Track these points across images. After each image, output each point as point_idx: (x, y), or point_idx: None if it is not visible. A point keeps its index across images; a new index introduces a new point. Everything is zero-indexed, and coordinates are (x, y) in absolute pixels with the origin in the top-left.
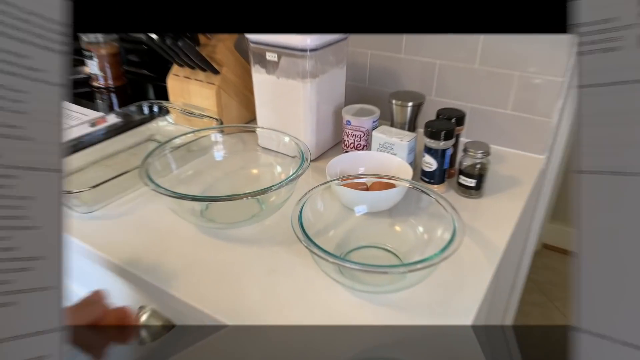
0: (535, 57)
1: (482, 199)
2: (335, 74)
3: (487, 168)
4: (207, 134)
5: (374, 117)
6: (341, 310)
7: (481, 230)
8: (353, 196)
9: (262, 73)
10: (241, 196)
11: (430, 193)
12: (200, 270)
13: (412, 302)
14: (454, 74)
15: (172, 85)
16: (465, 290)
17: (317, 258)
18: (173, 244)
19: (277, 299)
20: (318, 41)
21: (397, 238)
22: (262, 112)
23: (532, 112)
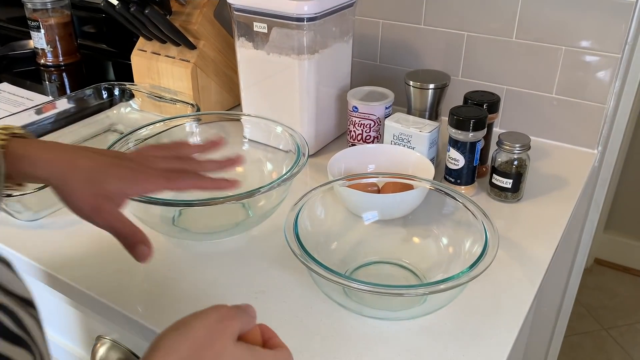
0: (586, 28)
1: (520, 204)
2: (339, 49)
3: (527, 165)
4: (180, 122)
5: (386, 103)
6: (346, 342)
7: (519, 242)
8: (361, 200)
9: (249, 48)
10: (222, 200)
11: (457, 196)
12: (171, 292)
13: (434, 330)
14: (485, 49)
15: (137, 63)
16: (499, 316)
17: (316, 277)
18: None
19: None
20: (317, 8)
21: (415, 252)
22: (248, 96)
23: (583, 96)
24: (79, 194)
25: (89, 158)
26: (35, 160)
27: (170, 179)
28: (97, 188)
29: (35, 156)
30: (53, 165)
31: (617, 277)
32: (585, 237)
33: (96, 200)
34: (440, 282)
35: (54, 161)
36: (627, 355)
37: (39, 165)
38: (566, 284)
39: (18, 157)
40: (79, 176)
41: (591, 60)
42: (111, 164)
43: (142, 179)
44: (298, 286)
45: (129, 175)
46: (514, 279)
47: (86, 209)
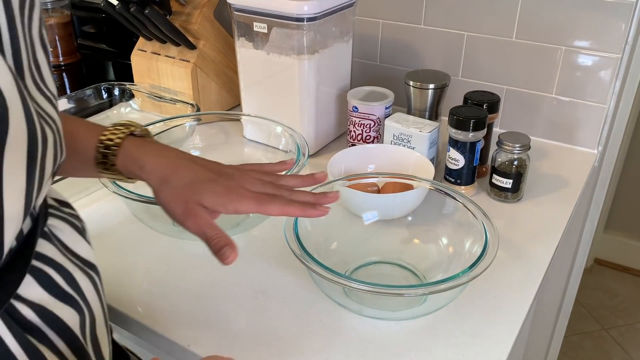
0: (586, 28)
1: (520, 204)
2: (339, 49)
3: (527, 165)
4: (180, 122)
5: (386, 103)
6: (346, 342)
7: (519, 242)
8: (361, 200)
9: (249, 48)
10: None
11: (457, 196)
12: (172, 292)
13: (434, 330)
14: (485, 49)
15: (137, 63)
16: (499, 316)
17: (316, 277)
18: (138, 259)
19: (267, 328)
20: (317, 8)
21: (415, 252)
22: (248, 96)
23: (583, 96)
24: (176, 200)
25: (190, 169)
26: (143, 164)
27: (261, 202)
28: (192, 197)
29: (143, 160)
30: (157, 170)
31: (617, 277)
32: (585, 237)
33: (190, 207)
34: (440, 282)
35: (158, 166)
36: (627, 355)
37: (145, 169)
38: (566, 284)
39: (129, 158)
40: (177, 183)
41: (591, 60)
42: (210, 179)
43: (235, 199)
44: (298, 286)
45: (224, 194)
46: (514, 279)
47: (178, 212)
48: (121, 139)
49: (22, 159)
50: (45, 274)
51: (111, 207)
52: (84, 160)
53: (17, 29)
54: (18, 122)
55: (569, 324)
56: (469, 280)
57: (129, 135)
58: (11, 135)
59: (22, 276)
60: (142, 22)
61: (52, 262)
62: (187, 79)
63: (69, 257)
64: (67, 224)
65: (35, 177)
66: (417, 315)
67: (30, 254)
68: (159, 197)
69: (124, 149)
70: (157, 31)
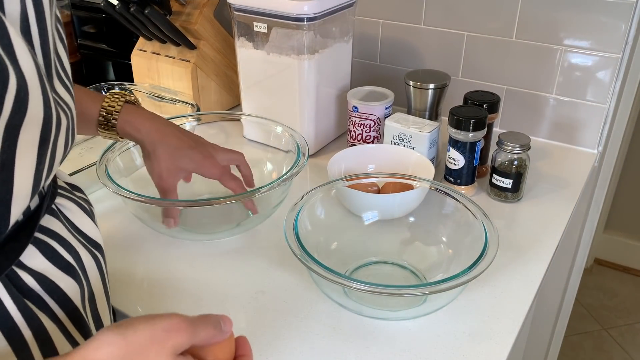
0: (586, 28)
1: (520, 203)
2: (339, 49)
3: (527, 165)
4: (180, 122)
5: (386, 103)
6: (346, 341)
7: (519, 242)
8: (361, 200)
9: (249, 48)
10: (223, 200)
11: (457, 196)
12: (172, 292)
13: (434, 331)
14: (485, 49)
15: (137, 63)
16: (499, 316)
17: (316, 277)
18: (139, 259)
19: (267, 327)
20: (317, 8)
21: (415, 252)
22: (248, 96)
23: (583, 96)
24: (162, 163)
25: (176, 137)
26: (139, 127)
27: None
28: (175, 162)
29: (140, 124)
30: (150, 134)
31: (617, 277)
32: (585, 237)
33: (169, 171)
34: (440, 282)
35: (151, 131)
36: (627, 355)
37: (141, 132)
38: (566, 284)
39: (127, 122)
40: (166, 149)
41: (591, 60)
42: (190, 146)
43: (206, 166)
44: (298, 286)
45: (199, 160)
46: (514, 279)
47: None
48: (120, 105)
49: (35, 140)
50: (49, 246)
51: (111, 207)
52: (87, 120)
53: (46, 22)
54: (36, 106)
55: (569, 324)
56: (469, 280)
57: (125, 102)
58: (28, 118)
59: (24, 245)
60: (142, 22)
61: (57, 236)
62: (187, 79)
63: (74, 234)
64: (76, 205)
65: (45, 159)
66: (417, 315)
67: (34, 227)
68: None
69: (123, 114)
70: (157, 31)
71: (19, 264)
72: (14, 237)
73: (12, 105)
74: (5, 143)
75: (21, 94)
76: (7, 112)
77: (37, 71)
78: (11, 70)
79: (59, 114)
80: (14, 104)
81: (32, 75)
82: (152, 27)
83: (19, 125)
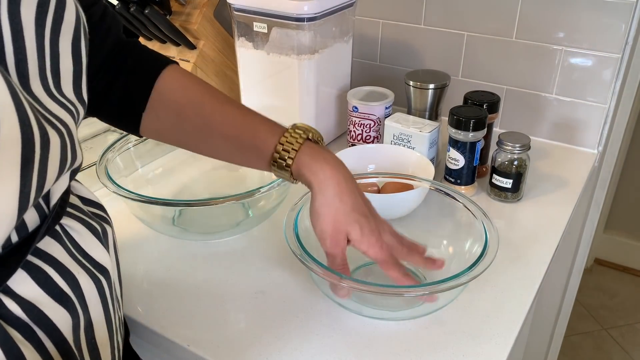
0: (586, 28)
1: (520, 203)
2: (339, 49)
3: (527, 165)
4: None
5: (386, 103)
6: (346, 341)
7: (519, 242)
8: None
9: (249, 48)
10: (222, 200)
11: (457, 196)
12: (171, 292)
13: (434, 330)
14: (485, 49)
15: None
16: (499, 316)
17: (316, 277)
18: (138, 259)
19: (267, 328)
20: (317, 8)
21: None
22: (248, 95)
23: (583, 96)
24: (327, 222)
25: (351, 197)
26: (317, 171)
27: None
28: (342, 226)
29: (318, 168)
30: (328, 182)
31: (617, 277)
32: (585, 237)
33: (337, 233)
34: (441, 282)
35: (330, 180)
36: (627, 355)
37: (319, 177)
38: (566, 284)
39: (304, 164)
40: (336, 207)
41: (591, 60)
42: (362, 214)
43: (372, 243)
44: (298, 286)
45: (367, 234)
46: (514, 279)
47: (327, 232)
48: (300, 143)
49: (16, 161)
50: (44, 273)
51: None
52: (260, 156)
53: (25, 40)
54: (11, 125)
55: (569, 324)
56: (469, 280)
57: (306, 140)
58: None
59: (11, 272)
60: (142, 22)
61: (53, 261)
62: None
63: (77, 259)
64: (84, 226)
65: (32, 180)
66: (417, 315)
67: (27, 251)
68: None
69: (301, 153)
70: (157, 31)
71: (5, 290)
72: (2, 262)
73: None
74: None
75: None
76: None
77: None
78: None
79: (45, 133)
80: None
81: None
82: (152, 27)
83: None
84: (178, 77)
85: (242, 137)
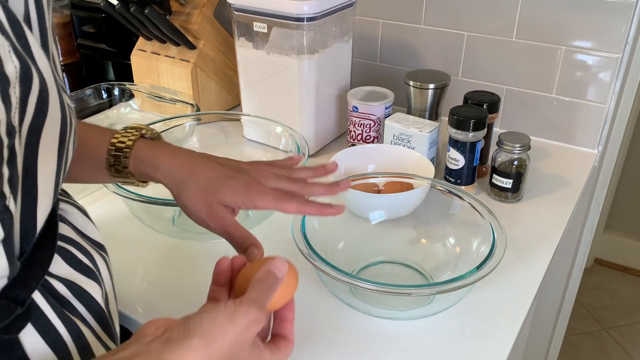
0: (586, 28)
1: (520, 203)
2: (339, 49)
3: (527, 165)
4: (180, 122)
5: (386, 103)
6: (347, 341)
7: (519, 242)
8: (365, 201)
9: (249, 48)
10: None
11: (464, 196)
12: (171, 293)
13: (434, 330)
14: (485, 49)
15: (137, 63)
16: (499, 316)
17: (323, 276)
18: (137, 259)
19: None
20: (317, 8)
21: (422, 252)
22: (248, 96)
23: (583, 96)
24: (197, 201)
25: (208, 167)
26: (157, 165)
27: (279, 199)
28: (213, 197)
29: (157, 161)
30: (174, 172)
31: (617, 277)
32: (585, 237)
33: (211, 207)
34: (448, 282)
35: (175, 168)
36: (627, 355)
37: (160, 170)
38: (566, 284)
39: (142, 160)
40: (197, 184)
41: (591, 60)
42: (228, 176)
43: (255, 195)
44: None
45: (244, 190)
46: (514, 278)
47: (202, 215)
48: (132, 141)
49: (55, 142)
50: (70, 252)
51: (111, 207)
52: (96, 164)
53: (46, 23)
54: (55, 107)
55: (569, 324)
56: (476, 280)
57: (140, 137)
58: (49, 119)
59: (52, 254)
60: (142, 22)
61: (71, 241)
62: (187, 79)
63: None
64: (75, 208)
65: (63, 160)
66: (424, 315)
67: (55, 234)
68: (179, 199)
69: (136, 151)
70: (157, 31)
71: (49, 273)
72: (41, 246)
73: (34, 107)
74: (28, 148)
75: (43, 94)
76: (30, 115)
77: (52, 71)
78: (34, 70)
79: (70, 115)
80: (37, 105)
81: (49, 75)
82: (152, 27)
83: (40, 127)
84: None
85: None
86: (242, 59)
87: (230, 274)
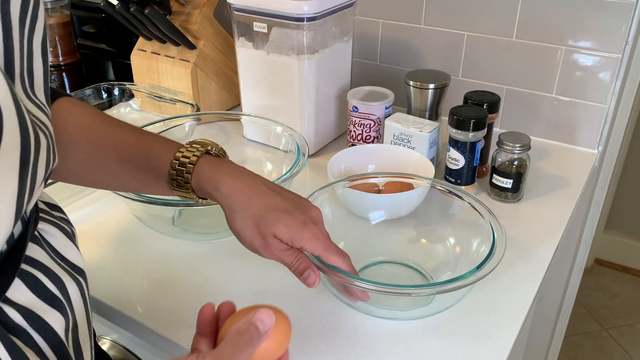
0: (586, 28)
1: (520, 203)
2: (339, 49)
3: (527, 165)
4: (180, 122)
5: (386, 103)
6: (346, 341)
7: (519, 242)
8: (365, 201)
9: (249, 48)
10: None
11: (464, 196)
12: (171, 292)
13: (434, 330)
14: (485, 49)
15: (137, 63)
16: (499, 316)
17: (323, 276)
18: (138, 258)
19: None
20: (317, 8)
21: (422, 252)
22: (248, 96)
23: (583, 96)
24: (251, 231)
25: (267, 196)
26: (218, 185)
27: (328, 249)
28: (266, 230)
29: (218, 181)
30: (233, 195)
31: (617, 277)
32: (585, 237)
33: (266, 240)
34: (448, 282)
35: (234, 191)
36: (627, 355)
37: (220, 191)
38: (566, 284)
39: (204, 177)
40: (253, 213)
41: (591, 60)
42: (285, 209)
43: (306, 236)
44: (298, 286)
45: (297, 228)
46: (514, 278)
47: (256, 245)
48: (197, 157)
49: (15, 165)
50: (35, 278)
51: (111, 207)
52: (157, 176)
53: (14, 40)
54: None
55: (569, 324)
56: (476, 280)
57: (205, 153)
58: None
59: (10, 280)
60: (142, 22)
61: (42, 267)
62: (187, 79)
63: (58, 262)
64: (58, 229)
65: (27, 183)
66: (424, 315)
67: (20, 258)
68: (232, 224)
69: (200, 167)
70: (157, 31)
71: (4, 299)
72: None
73: None
74: None
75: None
76: None
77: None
78: None
79: (37, 135)
80: None
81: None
82: (151, 27)
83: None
84: (68, 106)
85: (135, 158)
86: (242, 59)
87: (215, 325)
